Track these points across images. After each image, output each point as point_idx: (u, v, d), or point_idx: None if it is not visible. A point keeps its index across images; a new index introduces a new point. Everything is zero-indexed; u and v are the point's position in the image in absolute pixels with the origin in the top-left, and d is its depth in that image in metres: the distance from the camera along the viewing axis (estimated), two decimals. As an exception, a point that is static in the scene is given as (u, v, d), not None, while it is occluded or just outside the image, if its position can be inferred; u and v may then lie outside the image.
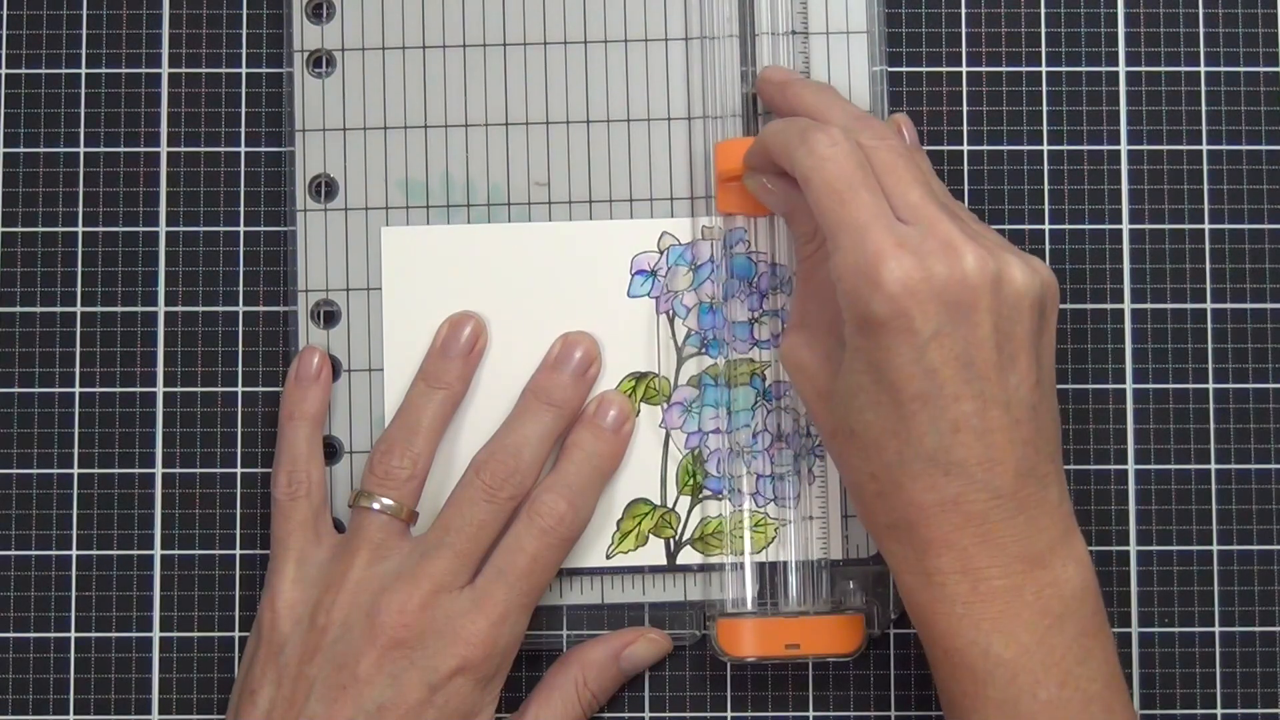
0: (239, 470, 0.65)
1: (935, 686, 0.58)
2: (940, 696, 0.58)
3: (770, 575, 0.64)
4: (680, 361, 0.65)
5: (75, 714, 0.65)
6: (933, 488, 0.55)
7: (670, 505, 0.64)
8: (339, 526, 0.64)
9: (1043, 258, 0.65)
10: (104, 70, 0.66)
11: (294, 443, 0.63)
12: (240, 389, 0.66)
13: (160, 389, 0.66)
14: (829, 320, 0.59)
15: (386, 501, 0.62)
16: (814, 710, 0.65)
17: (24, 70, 0.66)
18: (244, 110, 0.66)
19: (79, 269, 0.66)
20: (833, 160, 0.56)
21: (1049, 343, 0.57)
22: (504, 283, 0.65)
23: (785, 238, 0.64)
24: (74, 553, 0.65)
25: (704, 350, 0.65)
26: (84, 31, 0.66)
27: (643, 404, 0.65)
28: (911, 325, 0.55)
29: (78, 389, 0.66)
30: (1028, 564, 0.56)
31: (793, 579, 0.63)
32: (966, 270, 0.55)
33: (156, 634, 0.65)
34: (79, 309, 0.66)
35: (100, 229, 0.66)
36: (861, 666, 0.65)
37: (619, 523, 0.64)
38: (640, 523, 0.64)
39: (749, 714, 0.65)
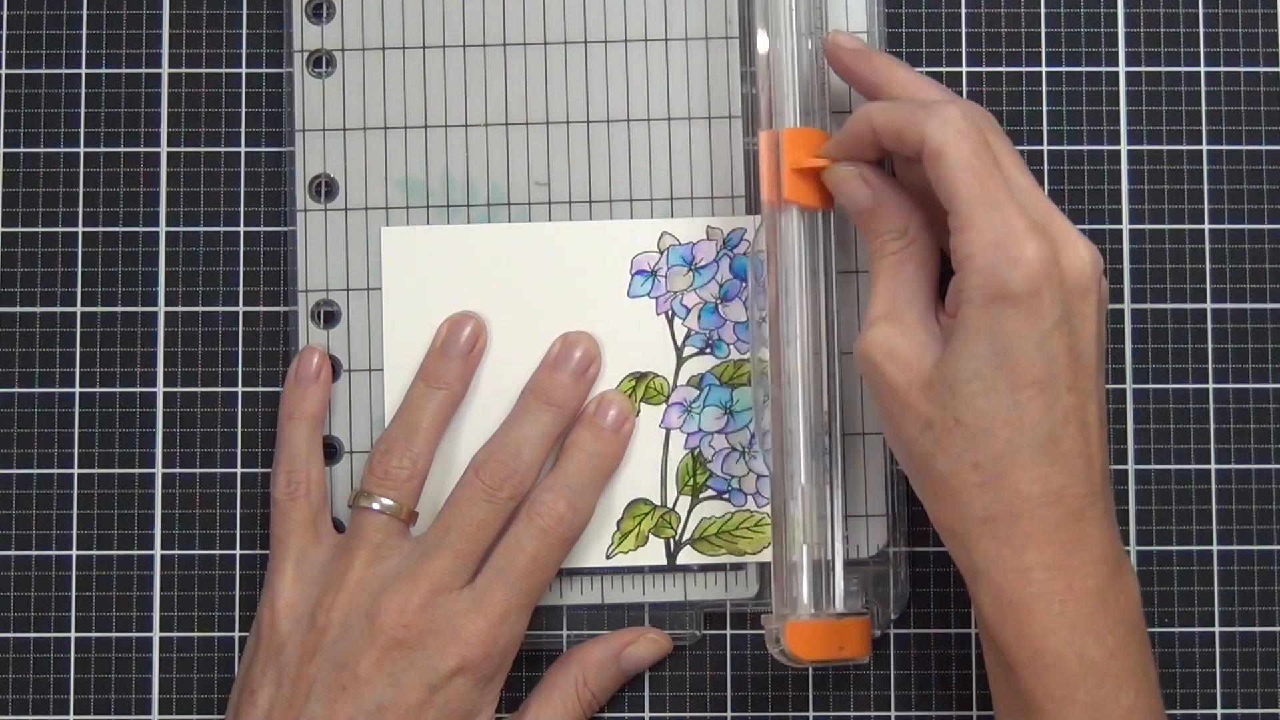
0: (239, 470, 0.65)
1: (998, 692, 0.57)
2: (1006, 702, 0.57)
3: (770, 575, 0.64)
4: (680, 361, 0.65)
5: (75, 714, 0.65)
6: (1040, 478, 0.55)
7: (670, 505, 0.64)
8: (339, 526, 0.64)
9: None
10: (104, 70, 0.66)
11: (294, 443, 0.63)
12: (240, 389, 0.66)
13: (160, 389, 0.66)
14: (919, 311, 0.59)
15: (386, 501, 0.62)
16: (814, 710, 0.65)
17: (24, 70, 0.66)
18: (244, 110, 0.66)
19: (79, 269, 0.66)
20: (969, 137, 0.56)
21: None
22: (504, 283, 0.65)
23: (786, 238, 0.64)
24: (74, 553, 0.65)
25: (704, 350, 0.65)
26: (84, 31, 0.66)
27: (643, 404, 0.65)
28: (1041, 308, 0.55)
29: (78, 389, 0.66)
30: (1111, 567, 0.56)
31: (805, 580, 0.63)
32: (1084, 263, 0.56)
33: (156, 634, 0.65)
34: (79, 309, 0.66)
35: (100, 229, 0.66)
36: (861, 667, 0.65)
37: (619, 523, 0.64)
38: (640, 523, 0.64)
39: (749, 714, 0.65)
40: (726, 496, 0.64)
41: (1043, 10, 0.66)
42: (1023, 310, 0.55)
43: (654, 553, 0.65)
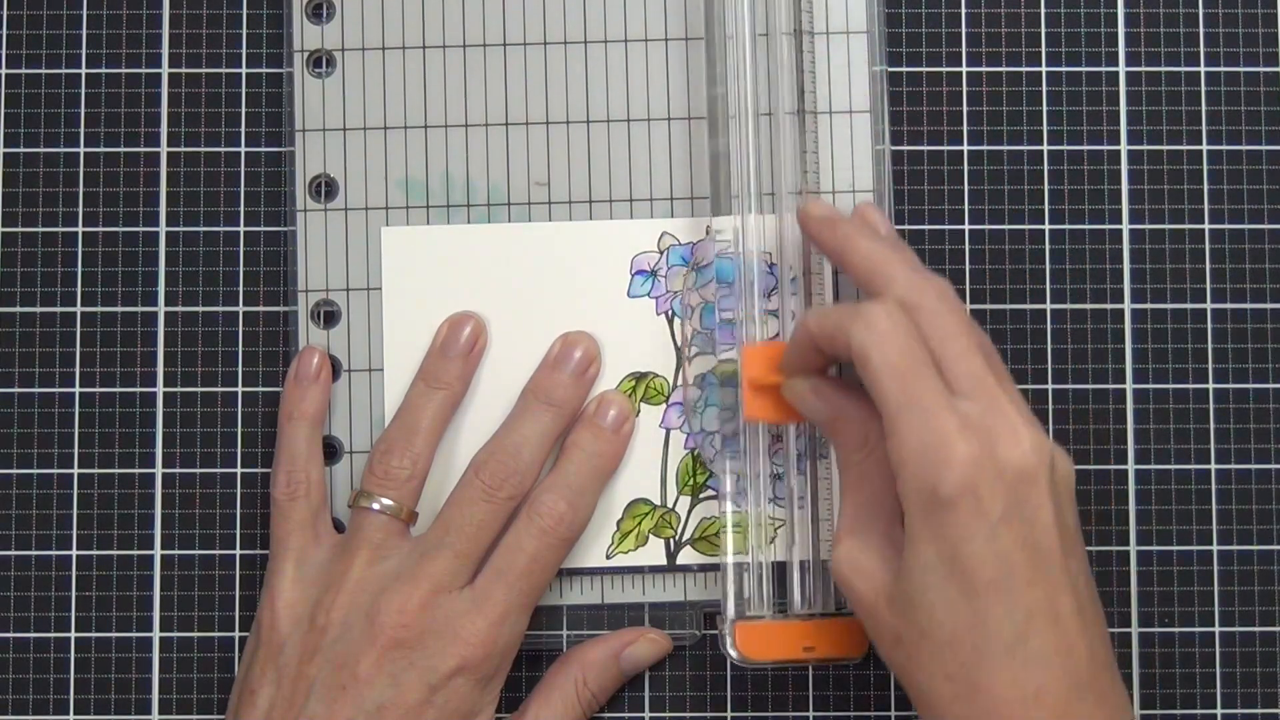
0: (239, 470, 0.65)
1: None
2: None
3: (776, 575, 0.64)
4: (680, 361, 0.65)
5: (75, 714, 0.65)
6: (1014, 682, 0.54)
7: (670, 505, 0.64)
8: (338, 526, 0.64)
9: (1042, 259, 0.65)
10: (104, 70, 0.66)
11: (293, 443, 0.63)
12: (240, 389, 0.66)
13: (160, 389, 0.66)
14: (885, 524, 0.57)
15: (386, 502, 0.62)
16: (814, 710, 0.65)
17: (24, 70, 0.66)
18: (244, 110, 0.66)
19: (79, 269, 0.66)
20: (892, 337, 0.55)
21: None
22: (504, 283, 0.65)
23: (786, 238, 0.64)
24: (74, 553, 0.65)
25: (704, 350, 0.65)
26: (84, 31, 0.66)
27: (643, 404, 0.65)
28: (981, 506, 0.54)
29: (78, 389, 0.66)
30: None
31: (796, 580, 0.63)
32: (1026, 452, 0.54)
33: (156, 634, 0.65)
34: (79, 309, 0.66)
35: (100, 229, 0.66)
36: (861, 667, 0.65)
37: (619, 523, 0.64)
38: (640, 523, 0.64)
39: (749, 714, 0.65)
40: (726, 496, 0.64)
41: (1043, 10, 0.66)
42: (962, 512, 0.54)
43: (654, 553, 0.65)
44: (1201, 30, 0.66)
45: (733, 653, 0.62)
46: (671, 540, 0.64)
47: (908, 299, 0.56)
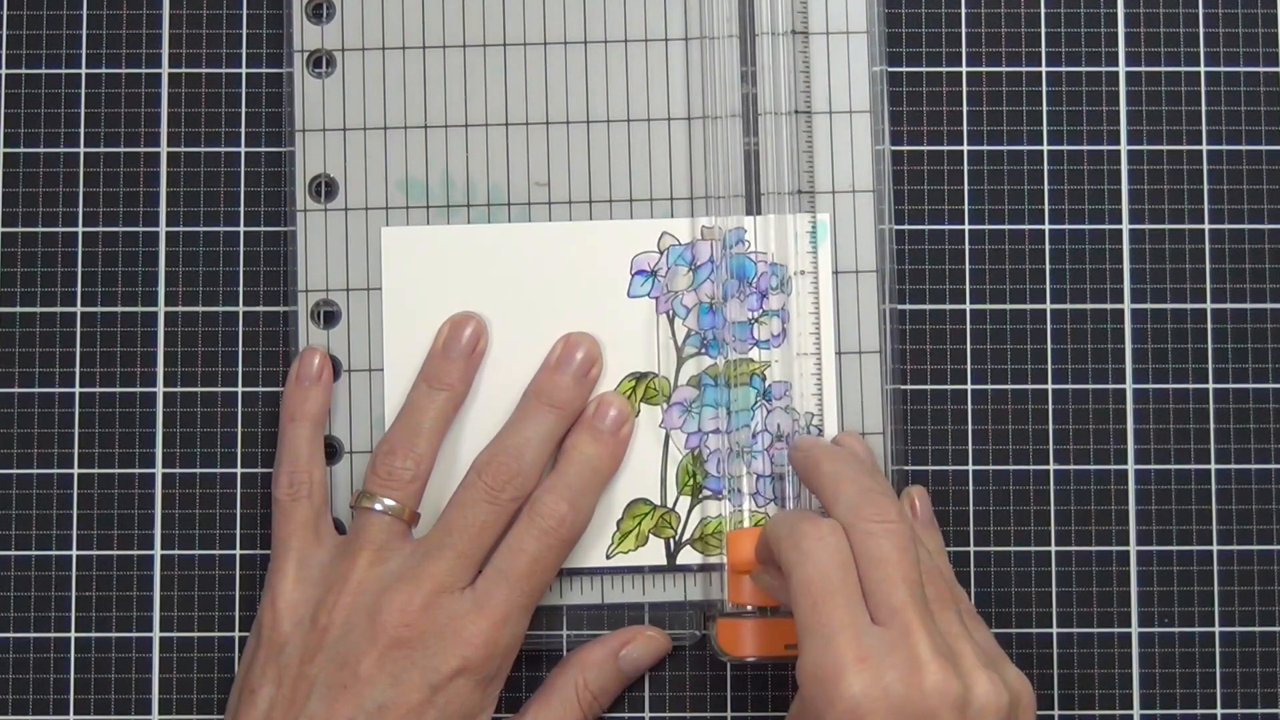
0: (239, 470, 0.65)
1: None
2: None
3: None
4: (680, 361, 0.65)
5: (75, 714, 0.65)
6: None
7: (670, 505, 0.64)
8: (339, 527, 0.64)
9: (1042, 259, 0.65)
10: (104, 70, 0.66)
11: (295, 444, 0.63)
12: (240, 389, 0.66)
13: (160, 389, 0.66)
14: None
15: (389, 502, 0.62)
16: (814, 710, 0.65)
17: (24, 70, 0.66)
18: (244, 110, 0.66)
19: (79, 269, 0.66)
20: (814, 559, 0.55)
21: None
22: (504, 283, 0.65)
23: (786, 239, 0.64)
24: (74, 553, 0.65)
25: (704, 350, 0.65)
26: (84, 31, 0.66)
27: (643, 404, 0.65)
28: None
29: (78, 389, 0.66)
30: None
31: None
32: (925, 690, 0.53)
33: (156, 634, 0.65)
34: (79, 309, 0.66)
35: (100, 229, 0.66)
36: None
37: (619, 523, 0.64)
38: (640, 523, 0.64)
39: (749, 714, 0.65)
40: (726, 496, 0.64)
41: (1043, 10, 0.66)
42: None
43: (654, 553, 0.65)
44: (1201, 30, 0.66)
45: (715, 648, 0.63)
46: (671, 540, 0.64)
47: (846, 519, 0.56)
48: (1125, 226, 0.66)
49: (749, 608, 0.63)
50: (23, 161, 0.66)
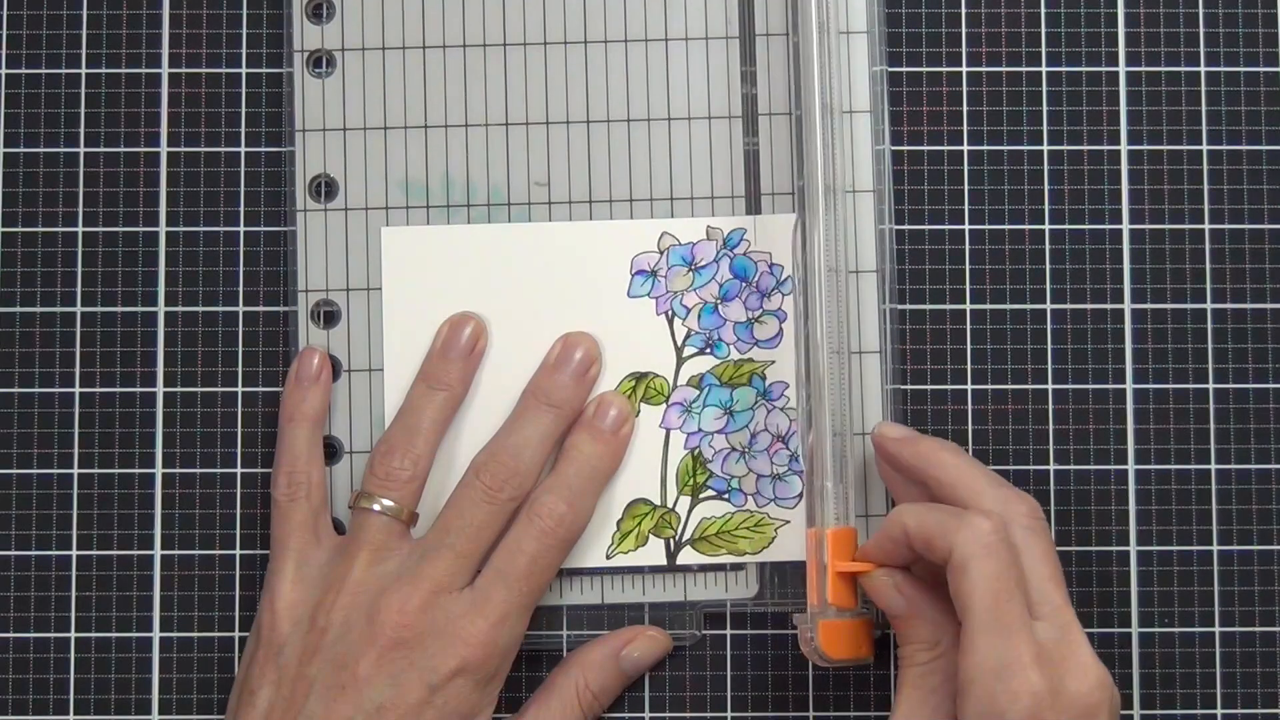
0: (239, 470, 0.65)
1: None
2: None
3: (771, 575, 0.64)
4: (680, 361, 0.65)
5: (75, 714, 0.65)
6: None
7: (670, 505, 0.64)
8: (339, 527, 0.64)
9: (1042, 259, 0.65)
10: (104, 70, 0.66)
11: (294, 444, 0.63)
12: (240, 389, 0.66)
13: (160, 389, 0.66)
14: None
15: (387, 503, 0.62)
16: (814, 710, 0.65)
17: (24, 70, 0.66)
18: (244, 110, 0.66)
19: (79, 269, 0.66)
20: (995, 554, 0.56)
21: None
22: (504, 283, 0.65)
23: (786, 238, 0.64)
24: (74, 553, 0.65)
25: (704, 350, 0.65)
26: (84, 31, 0.66)
27: (643, 404, 0.65)
28: None
29: (78, 389, 0.66)
30: None
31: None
32: (1091, 687, 0.55)
33: (156, 634, 0.65)
34: (79, 309, 0.66)
35: (100, 229, 0.66)
36: (861, 666, 0.65)
37: (619, 523, 0.64)
38: (640, 523, 0.64)
39: (749, 714, 0.65)
40: (726, 496, 0.64)
41: (1043, 10, 0.66)
42: None
43: (654, 553, 0.65)
44: (1201, 30, 0.66)
45: (816, 650, 0.61)
46: (671, 540, 0.64)
47: (1002, 514, 0.57)
48: (1125, 226, 0.66)
49: (843, 612, 0.61)
50: (23, 161, 0.66)
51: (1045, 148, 0.66)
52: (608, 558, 0.64)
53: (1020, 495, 0.59)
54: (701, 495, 0.64)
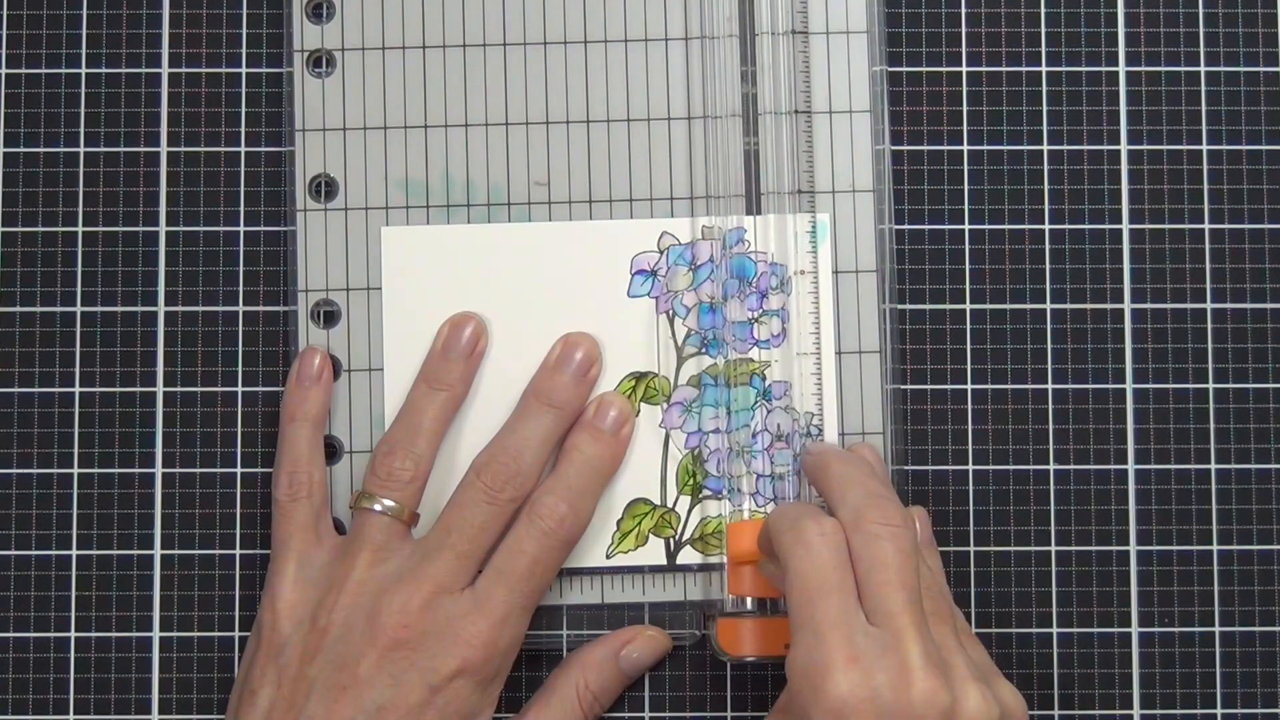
0: (239, 470, 0.65)
1: None
2: None
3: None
4: (680, 361, 0.65)
5: (75, 714, 0.65)
6: None
7: (670, 505, 0.64)
8: (339, 527, 0.64)
9: (1042, 259, 0.65)
10: (104, 70, 0.66)
11: (295, 444, 0.63)
12: (240, 389, 0.66)
13: (160, 389, 0.66)
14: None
15: (388, 503, 0.62)
16: (814, 710, 0.65)
17: (24, 70, 0.66)
18: (244, 110, 0.66)
19: (79, 269, 0.66)
20: (813, 554, 0.55)
21: None
22: (504, 283, 0.65)
23: (786, 238, 0.64)
24: (74, 553, 0.65)
25: (704, 350, 0.65)
26: (84, 31, 0.66)
27: (643, 404, 0.65)
28: None
29: (78, 389, 0.66)
30: None
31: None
32: (913, 696, 0.54)
33: (156, 634, 0.65)
34: (79, 309, 0.66)
35: (100, 229, 0.66)
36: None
37: (619, 523, 0.64)
38: (640, 523, 0.64)
39: (749, 714, 0.65)
40: (726, 496, 0.64)
41: (1043, 10, 0.66)
42: None
43: (654, 552, 0.65)
44: (1201, 30, 0.66)
45: (715, 648, 0.63)
46: (671, 540, 0.64)
47: (850, 520, 0.56)
48: (1125, 226, 0.66)
49: (749, 607, 0.63)
50: (23, 161, 0.66)
51: (1045, 148, 0.66)
52: (608, 558, 0.64)
53: (883, 504, 0.57)
54: (701, 495, 0.64)
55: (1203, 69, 0.66)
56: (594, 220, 0.65)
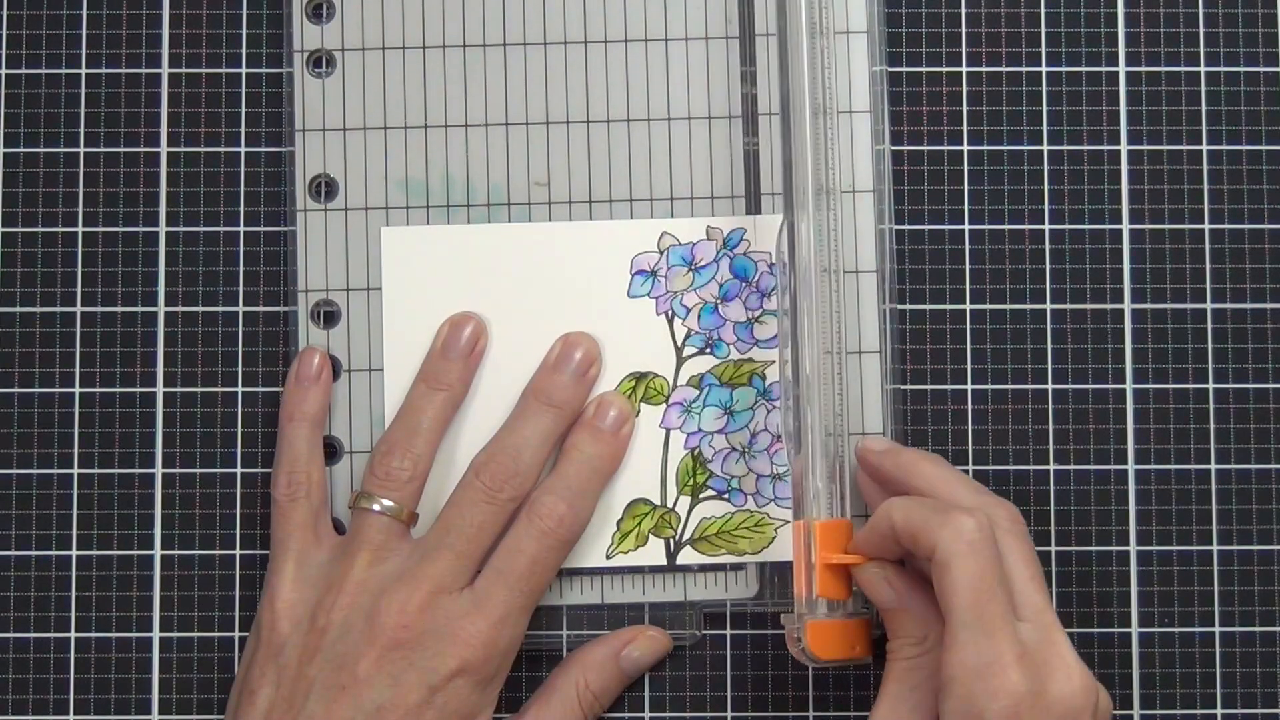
0: (239, 470, 0.65)
1: None
2: None
3: (771, 575, 0.64)
4: (680, 361, 0.65)
5: (75, 714, 0.65)
6: None
7: (670, 505, 0.64)
8: (339, 527, 0.64)
9: (1042, 259, 0.65)
10: (104, 70, 0.66)
11: (294, 444, 0.63)
12: (240, 389, 0.66)
13: (160, 389, 0.66)
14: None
15: (387, 503, 0.62)
16: (814, 710, 0.65)
17: (24, 70, 0.66)
18: (244, 110, 0.66)
19: (79, 269, 0.66)
20: (979, 552, 0.56)
21: None
22: (504, 283, 0.65)
23: (785, 238, 0.64)
24: (74, 553, 0.65)
25: (704, 350, 0.65)
26: (84, 31, 0.66)
27: (643, 404, 0.65)
28: None
29: (78, 389, 0.66)
30: None
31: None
32: (1076, 690, 0.55)
33: (156, 634, 0.65)
34: (79, 309, 0.66)
35: (100, 229, 0.66)
36: (861, 666, 0.65)
37: (619, 523, 0.64)
38: (640, 523, 0.64)
39: (749, 714, 0.65)
40: (726, 496, 0.64)
41: (1043, 10, 0.66)
42: None
43: (654, 553, 0.65)
44: (1201, 30, 0.66)
45: (803, 650, 0.61)
46: (671, 540, 0.64)
47: (987, 516, 0.57)
48: (1125, 226, 0.66)
49: (833, 610, 0.61)
50: (23, 161, 0.66)
51: (1045, 148, 0.66)
52: (608, 558, 0.64)
53: (1000, 501, 0.59)
54: (701, 495, 0.64)
55: (1203, 69, 0.66)
56: (594, 220, 0.65)
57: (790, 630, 0.61)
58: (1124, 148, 0.66)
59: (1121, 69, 0.66)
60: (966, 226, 0.66)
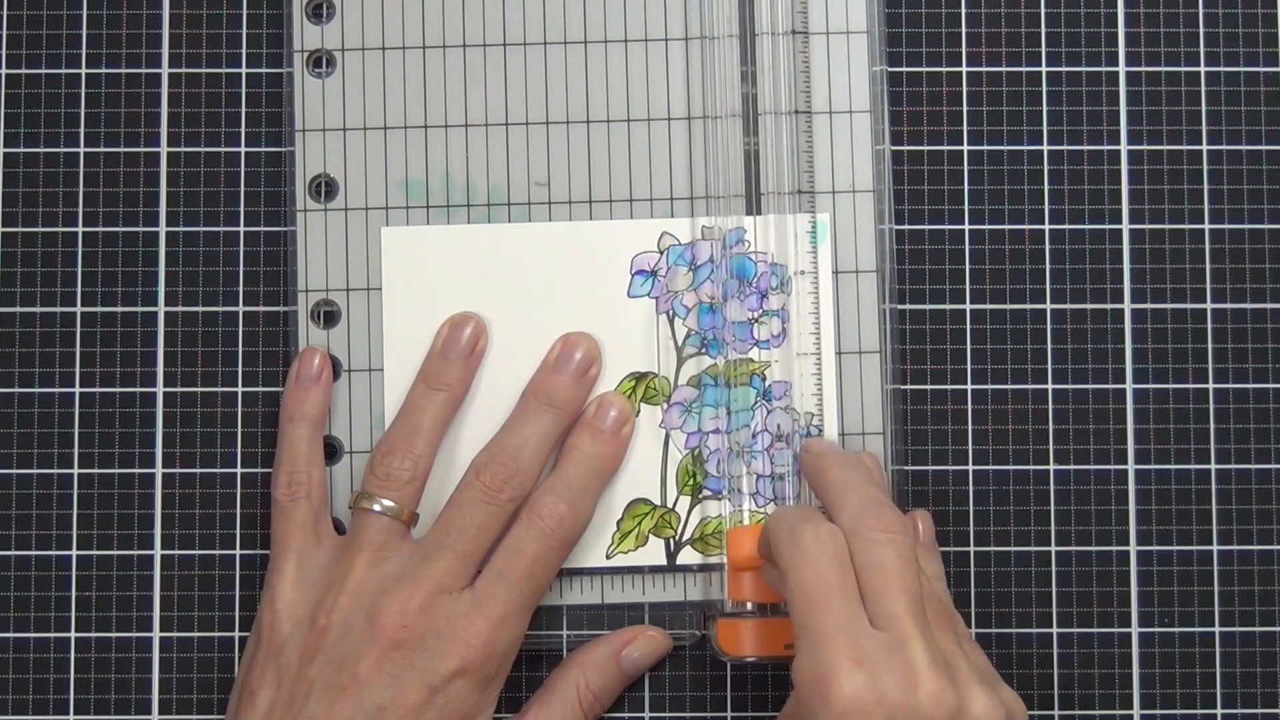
0: (239, 470, 0.65)
1: None
2: None
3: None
4: (680, 361, 0.65)
5: (75, 714, 0.65)
6: None
7: (670, 505, 0.64)
8: (339, 527, 0.64)
9: (1042, 259, 0.65)
10: (104, 70, 0.66)
11: (294, 444, 0.63)
12: (240, 389, 0.66)
13: (160, 389, 0.66)
14: None
15: (387, 503, 0.62)
16: (814, 710, 0.65)
17: (24, 70, 0.66)
18: (244, 110, 0.66)
19: (79, 269, 0.66)
20: (813, 561, 0.55)
21: None
22: (504, 283, 0.65)
23: (786, 238, 0.64)
24: (74, 553, 0.65)
25: (704, 350, 0.65)
26: (84, 31, 0.66)
27: (643, 404, 0.65)
28: None
29: (78, 389, 0.66)
30: None
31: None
32: (920, 699, 0.54)
33: (156, 634, 0.65)
34: (79, 309, 0.66)
35: (100, 229, 0.66)
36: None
37: (619, 523, 0.64)
38: (640, 523, 0.64)
39: (749, 714, 0.65)
40: (726, 496, 0.64)
41: (1043, 10, 0.66)
42: None
43: (654, 553, 0.65)
44: (1201, 30, 0.66)
45: (715, 648, 0.63)
46: (671, 540, 0.64)
47: (850, 527, 0.57)
48: (1125, 226, 0.66)
49: (749, 607, 0.63)
50: (23, 161, 0.66)
51: (1045, 148, 0.66)
52: (608, 558, 0.64)
53: (882, 511, 0.57)
54: (701, 495, 0.64)
55: (1203, 69, 0.66)
56: (594, 220, 0.65)
57: (709, 630, 0.63)
58: (1124, 148, 0.66)
59: (1121, 69, 0.66)
60: (966, 226, 0.66)
